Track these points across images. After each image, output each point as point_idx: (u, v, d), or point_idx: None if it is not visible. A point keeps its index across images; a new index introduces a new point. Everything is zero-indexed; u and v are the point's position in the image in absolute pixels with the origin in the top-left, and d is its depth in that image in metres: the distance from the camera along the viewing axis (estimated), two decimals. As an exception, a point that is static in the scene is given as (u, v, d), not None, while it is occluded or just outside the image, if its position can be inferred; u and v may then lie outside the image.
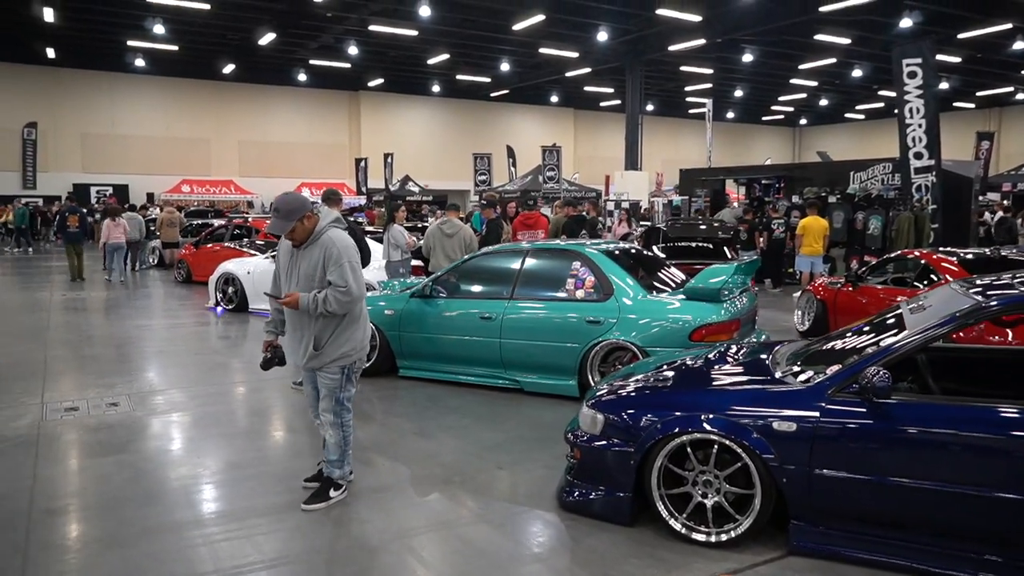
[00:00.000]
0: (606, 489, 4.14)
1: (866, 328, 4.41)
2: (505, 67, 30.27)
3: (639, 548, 3.84)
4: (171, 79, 33.04)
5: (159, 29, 23.76)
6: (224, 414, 6.48)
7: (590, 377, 6.35)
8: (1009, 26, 22.22)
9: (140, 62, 30.18)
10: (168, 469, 5.09)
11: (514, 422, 6.12)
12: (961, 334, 6.31)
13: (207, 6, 21.38)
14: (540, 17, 21.79)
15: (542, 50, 26.96)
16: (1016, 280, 4.21)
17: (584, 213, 12.15)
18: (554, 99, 39.51)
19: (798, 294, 10.64)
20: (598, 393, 4.45)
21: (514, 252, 7.41)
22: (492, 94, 36.93)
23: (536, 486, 4.69)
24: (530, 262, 7.12)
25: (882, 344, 3.79)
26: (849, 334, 4.50)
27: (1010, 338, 6.12)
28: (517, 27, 22.90)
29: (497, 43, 26.61)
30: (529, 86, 34.20)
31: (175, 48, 27.48)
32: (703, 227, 12.15)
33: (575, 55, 27.63)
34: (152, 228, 20.26)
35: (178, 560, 3.74)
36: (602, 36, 24.13)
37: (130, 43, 27.10)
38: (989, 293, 3.91)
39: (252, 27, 24.50)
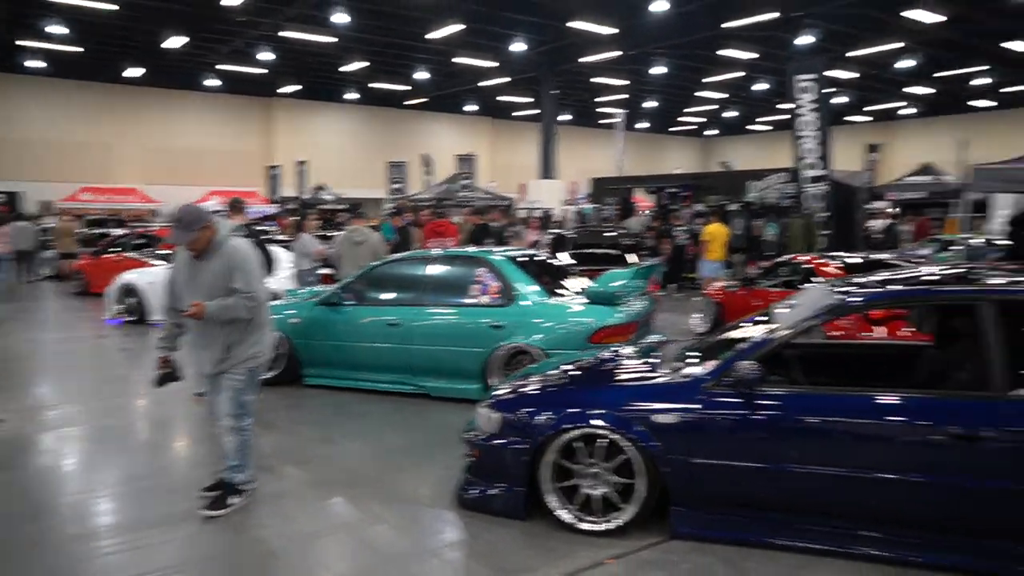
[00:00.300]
0: (502, 485, 4.28)
1: (745, 326, 4.71)
2: (423, 75, 30.28)
3: (532, 540, 4.00)
4: (71, 81, 31.60)
5: (58, 29, 22.73)
6: (122, 427, 6.32)
7: (493, 380, 6.49)
8: (900, 45, 23.66)
9: (37, 63, 28.76)
10: (60, 484, 4.96)
11: (419, 427, 6.20)
12: (842, 332, 6.77)
13: (115, 7, 20.62)
14: (457, 27, 21.93)
15: (459, 59, 27.11)
16: (882, 280, 4.58)
17: (490, 221, 12.34)
18: (472, 108, 39.73)
19: (699, 298, 11.10)
20: (496, 393, 4.60)
21: (421, 259, 7.55)
22: (410, 102, 36.87)
23: (438, 487, 4.79)
24: (437, 269, 7.25)
25: (754, 340, 4.07)
26: (731, 332, 4.79)
27: (877, 332, 6.57)
28: (432, 36, 22.98)
29: (414, 51, 26.61)
30: (447, 94, 34.30)
31: (78, 49, 26.34)
32: (608, 234, 12.56)
33: (492, 64, 27.91)
34: (47, 238, 19.34)
35: (65, 575, 3.67)
36: (518, 47, 24.45)
37: (22, 43, 25.80)
38: (851, 291, 4.25)
39: (160, 30, 23.74)
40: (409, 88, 33.49)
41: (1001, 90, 30.71)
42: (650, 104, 37.47)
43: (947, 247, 13.87)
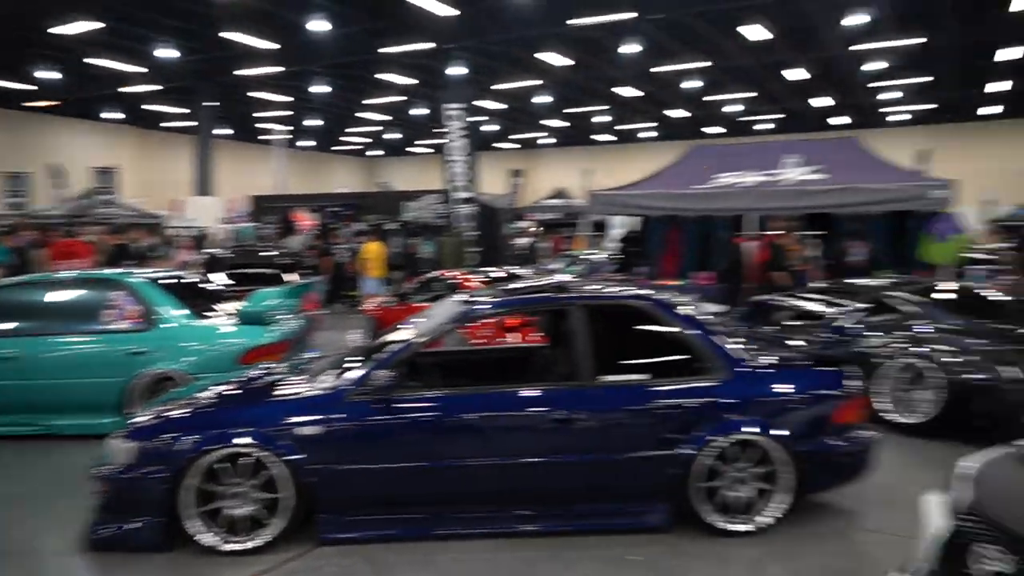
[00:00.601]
0: (140, 518, 4.06)
1: (388, 337, 5.04)
2: (50, 75, 26.58)
3: (176, 570, 3.87)
4: None
5: None
6: None
7: (133, 410, 6.05)
8: (539, 82, 26.54)
9: None
10: None
11: (41, 471, 5.56)
12: (484, 339, 7.50)
13: None
14: (90, 24, 19.71)
15: (96, 60, 24.36)
16: (501, 291, 5.23)
17: (131, 241, 11.43)
18: (116, 115, 35.87)
19: (359, 314, 11.42)
20: (132, 422, 4.37)
21: (44, 283, 6.79)
22: (34, 104, 32.09)
23: (66, 533, 4.35)
24: (65, 294, 6.60)
25: (390, 349, 4.40)
26: (376, 343, 5.09)
27: (514, 337, 7.42)
28: (58, 31, 20.37)
29: (36, 46, 23.29)
30: (83, 99, 30.54)
31: None
32: (265, 254, 12.35)
33: (139, 70, 25.54)
34: None
35: None
36: (168, 53, 22.72)
37: None
38: (476, 301, 4.80)
39: None
40: (34, 88, 29.22)
41: (616, 127, 36.09)
42: (314, 122, 37.32)
43: (575, 261, 15.97)
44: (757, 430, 4.23)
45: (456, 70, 23.37)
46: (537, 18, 18.46)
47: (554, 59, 22.57)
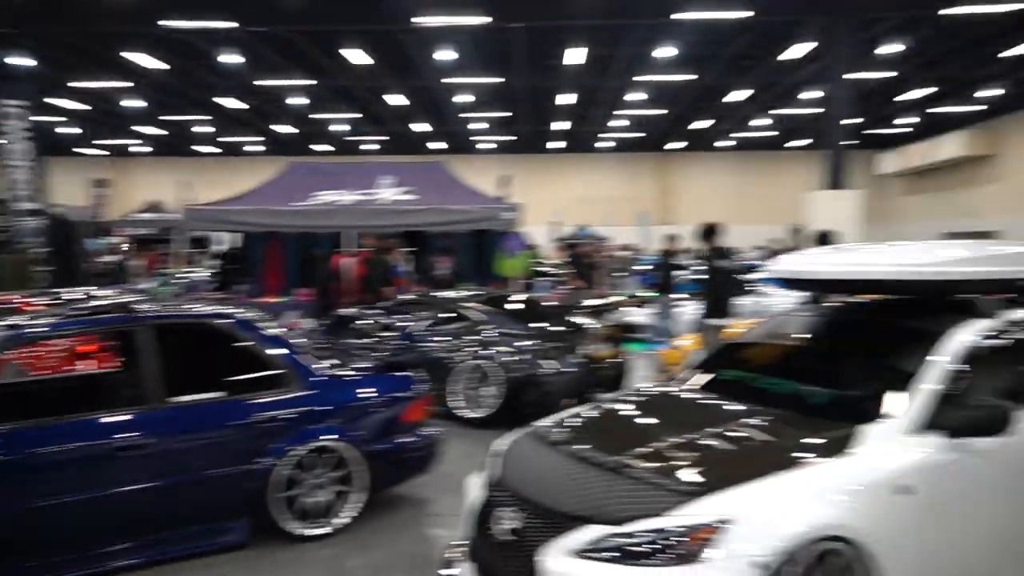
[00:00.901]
0: None
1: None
2: None
3: None
4: None
5: None
6: None
7: None
8: (129, 84, 23.98)
9: None
10: None
11: None
12: (50, 368, 6.66)
13: None
14: None
15: None
16: (57, 314, 4.74)
17: None
18: None
19: None
20: None
21: None
22: None
23: None
24: None
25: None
26: None
27: (84, 364, 6.72)
28: None
29: None
30: None
31: None
32: None
33: None
34: None
35: None
36: None
37: None
38: (25, 326, 4.29)
39: None
40: None
41: (220, 139, 34.46)
42: None
43: (169, 280, 14.90)
44: (334, 436, 4.48)
45: (17, 60, 20.17)
46: (121, 12, 16.83)
47: (145, 60, 20.76)
